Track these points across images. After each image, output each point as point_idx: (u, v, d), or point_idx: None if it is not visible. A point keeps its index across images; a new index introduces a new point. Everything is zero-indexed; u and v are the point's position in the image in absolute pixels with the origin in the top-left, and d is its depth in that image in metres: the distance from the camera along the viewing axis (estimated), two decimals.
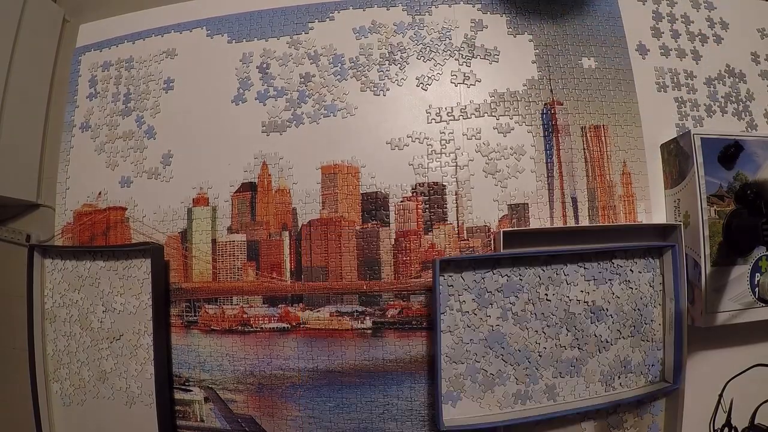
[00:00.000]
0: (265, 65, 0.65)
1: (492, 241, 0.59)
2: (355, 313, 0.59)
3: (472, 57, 0.64)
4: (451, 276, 0.55)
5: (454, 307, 0.55)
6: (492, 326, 0.56)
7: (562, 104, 0.62)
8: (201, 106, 0.66)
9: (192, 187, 0.64)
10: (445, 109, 0.62)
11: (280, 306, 0.60)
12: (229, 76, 0.66)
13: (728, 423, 0.59)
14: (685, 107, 0.64)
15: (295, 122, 0.63)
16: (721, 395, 0.59)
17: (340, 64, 0.64)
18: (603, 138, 0.62)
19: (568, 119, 0.62)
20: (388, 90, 0.63)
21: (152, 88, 0.68)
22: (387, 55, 0.64)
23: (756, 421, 0.58)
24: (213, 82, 0.66)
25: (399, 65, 0.63)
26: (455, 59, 0.63)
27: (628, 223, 0.60)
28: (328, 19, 0.66)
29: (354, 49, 0.64)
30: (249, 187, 0.63)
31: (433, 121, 0.62)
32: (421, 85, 0.63)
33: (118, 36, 0.71)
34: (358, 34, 0.65)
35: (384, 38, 0.64)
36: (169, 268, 0.62)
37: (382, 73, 0.63)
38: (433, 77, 0.63)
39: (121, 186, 0.66)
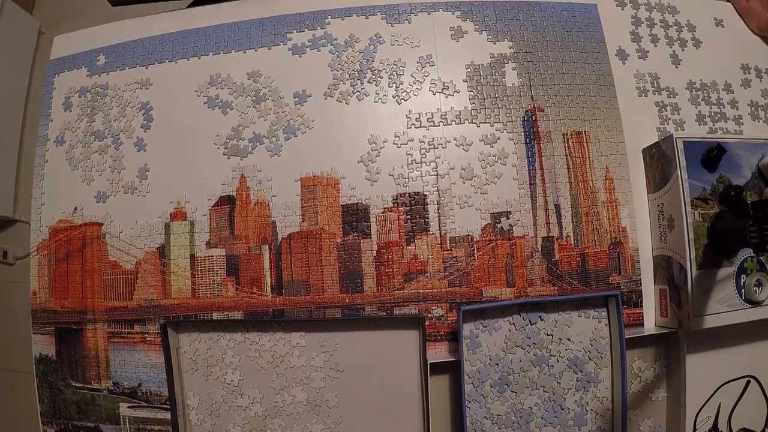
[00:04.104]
0: (236, 79, 0.64)
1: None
2: None
3: (452, 64, 0.63)
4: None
5: None
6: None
7: (543, 111, 0.62)
8: (177, 119, 0.65)
9: (169, 201, 0.62)
10: (425, 114, 0.61)
11: None
12: (201, 89, 0.65)
13: (715, 427, 0.58)
14: (665, 111, 0.64)
15: (273, 137, 0.62)
16: (707, 402, 0.59)
17: (317, 76, 0.63)
18: (585, 144, 0.61)
19: (550, 126, 0.61)
20: (366, 99, 0.62)
21: (128, 98, 0.66)
22: (366, 65, 0.63)
23: (733, 427, 0.59)
24: (188, 94, 0.65)
25: (377, 75, 0.63)
26: (435, 67, 0.63)
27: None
28: (306, 29, 0.65)
29: (332, 60, 0.64)
30: (227, 201, 0.61)
31: (413, 125, 0.61)
32: (401, 94, 0.62)
33: (95, 48, 0.70)
34: (335, 44, 0.64)
35: (362, 48, 0.64)
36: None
37: (360, 83, 0.63)
38: (412, 87, 0.62)
39: (97, 201, 0.64)
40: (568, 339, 0.58)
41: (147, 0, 0.66)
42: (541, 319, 0.58)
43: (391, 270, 0.58)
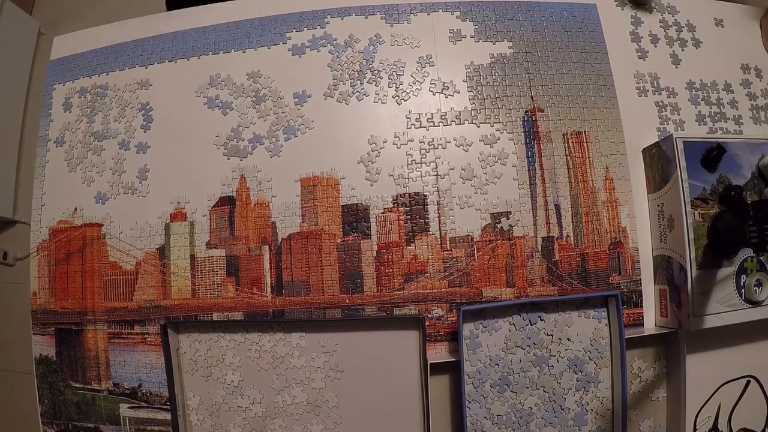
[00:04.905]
0: (236, 79, 0.64)
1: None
2: None
3: (452, 64, 0.63)
4: None
5: None
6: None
7: (543, 111, 0.62)
8: (176, 119, 0.65)
9: (169, 202, 0.62)
10: (425, 115, 0.61)
11: None
12: (201, 89, 0.65)
13: (715, 427, 0.58)
14: (665, 111, 0.64)
15: (273, 137, 0.62)
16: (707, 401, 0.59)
17: (317, 76, 0.63)
18: (585, 144, 0.61)
19: (550, 126, 0.61)
20: (366, 100, 0.62)
21: (128, 99, 0.66)
22: (365, 65, 0.63)
23: (733, 427, 0.59)
24: (188, 95, 0.65)
25: (377, 75, 0.63)
26: (434, 67, 0.63)
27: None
28: (306, 29, 0.65)
29: (331, 60, 0.64)
30: (227, 201, 0.61)
31: (413, 126, 0.61)
32: (401, 94, 0.62)
33: (94, 49, 0.70)
34: (335, 44, 0.64)
35: (362, 48, 0.64)
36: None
37: (360, 83, 0.63)
38: (412, 87, 0.62)
39: (97, 201, 0.64)
40: (568, 339, 0.58)
41: None
42: (541, 319, 0.58)
43: (391, 270, 0.58)
